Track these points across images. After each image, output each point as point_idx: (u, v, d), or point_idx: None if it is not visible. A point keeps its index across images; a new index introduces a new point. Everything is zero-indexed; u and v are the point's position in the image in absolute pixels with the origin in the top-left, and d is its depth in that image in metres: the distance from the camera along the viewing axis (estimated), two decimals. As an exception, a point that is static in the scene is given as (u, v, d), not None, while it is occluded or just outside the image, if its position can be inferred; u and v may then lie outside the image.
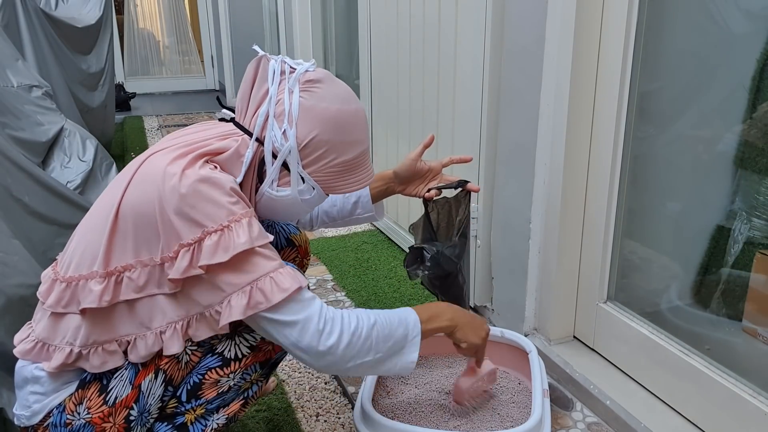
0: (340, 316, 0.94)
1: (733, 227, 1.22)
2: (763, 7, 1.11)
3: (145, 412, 0.96)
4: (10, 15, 2.94)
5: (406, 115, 2.15)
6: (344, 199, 1.34)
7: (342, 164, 1.00)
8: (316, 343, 0.90)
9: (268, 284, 0.88)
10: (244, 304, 0.88)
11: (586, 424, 1.33)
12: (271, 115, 0.96)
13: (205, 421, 1.01)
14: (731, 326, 1.24)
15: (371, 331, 0.95)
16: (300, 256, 1.28)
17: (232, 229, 0.88)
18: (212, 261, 0.87)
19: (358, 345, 0.94)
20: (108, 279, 0.91)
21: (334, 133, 0.97)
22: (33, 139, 2.27)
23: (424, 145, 1.28)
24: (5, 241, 1.37)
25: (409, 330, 1.00)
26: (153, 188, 0.89)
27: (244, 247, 0.87)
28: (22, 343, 0.98)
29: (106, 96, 3.78)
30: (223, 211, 0.88)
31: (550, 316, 1.52)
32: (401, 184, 1.31)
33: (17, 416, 0.98)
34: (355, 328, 0.94)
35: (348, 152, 1.00)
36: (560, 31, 1.33)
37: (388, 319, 0.98)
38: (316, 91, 0.98)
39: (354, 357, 0.94)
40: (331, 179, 1.01)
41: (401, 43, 2.12)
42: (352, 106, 1.00)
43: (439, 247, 1.23)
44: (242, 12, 5.24)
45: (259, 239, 0.90)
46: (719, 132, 1.23)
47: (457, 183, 1.27)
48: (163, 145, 0.98)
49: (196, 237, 0.87)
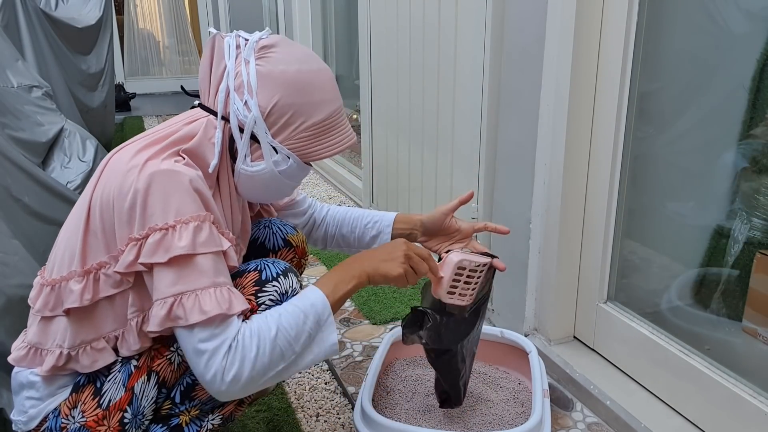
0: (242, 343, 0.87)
1: (733, 227, 1.22)
2: (763, 7, 1.11)
3: (139, 415, 0.96)
4: (10, 15, 2.94)
5: (406, 116, 2.15)
6: (364, 228, 1.29)
7: (312, 127, 0.96)
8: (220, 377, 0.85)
9: (191, 301, 0.85)
10: (163, 315, 0.85)
11: (586, 424, 1.33)
12: (231, 89, 0.94)
13: (200, 422, 1.01)
14: (731, 326, 1.24)
15: (275, 341, 0.89)
16: (297, 257, 1.27)
17: (176, 230, 0.85)
18: (150, 260, 0.85)
19: (265, 362, 0.88)
20: (86, 277, 0.90)
21: (297, 95, 0.94)
22: (33, 140, 2.27)
23: (461, 201, 1.20)
24: (5, 241, 1.37)
25: (318, 316, 0.93)
26: (116, 182, 0.88)
27: (182, 251, 0.84)
28: (17, 350, 0.98)
29: (106, 96, 3.78)
30: (173, 210, 0.86)
31: (550, 316, 1.52)
32: (425, 234, 1.24)
33: (14, 422, 0.98)
34: (257, 351, 0.87)
35: (316, 113, 0.96)
36: (560, 32, 1.33)
37: (293, 316, 0.92)
38: (272, 56, 0.95)
39: (265, 373, 0.89)
40: (305, 145, 0.97)
41: (401, 43, 2.12)
42: (313, 65, 0.97)
43: (443, 318, 1.10)
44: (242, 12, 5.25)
45: (204, 246, 0.87)
46: (719, 132, 1.23)
47: (485, 257, 1.12)
48: (133, 139, 0.97)
49: (143, 233, 0.86)
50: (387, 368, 1.44)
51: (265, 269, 1.00)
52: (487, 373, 1.43)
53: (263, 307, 0.97)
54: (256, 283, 0.98)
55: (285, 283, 0.99)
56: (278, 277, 0.99)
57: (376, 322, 1.77)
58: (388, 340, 1.39)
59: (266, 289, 0.98)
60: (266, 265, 1.01)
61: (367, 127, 2.56)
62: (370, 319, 1.78)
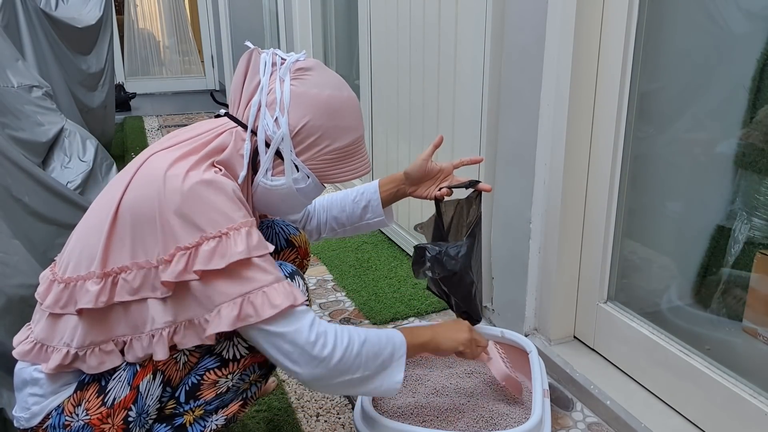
0: (333, 330, 0.93)
1: (733, 227, 1.22)
2: (763, 7, 1.11)
3: (144, 413, 0.96)
4: (10, 15, 2.94)
5: (406, 115, 2.15)
6: (353, 203, 1.32)
7: (336, 151, 1.00)
8: (308, 355, 0.90)
9: (260, 298, 0.88)
10: (234, 316, 0.87)
11: (586, 424, 1.33)
12: (263, 104, 0.97)
13: (204, 422, 1.01)
14: (731, 326, 1.24)
15: (362, 348, 0.94)
16: (300, 257, 1.28)
17: (230, 236, 0.87)
18: (208, 267, 0.86)
19: (350, 360, 0.93)
20: (105, 280, 0.90)
21: (326, 118, 0.97)
22: (33, 140, 2.27)
23: (434, 145, 1.27)
24: (5, 241, 1.37)
25: (395, 349, 0.99)
26: (154, 189, 0.89)
27: (240, 256, 0.86)
28: (21, 344, 0.98)
29: (106, 96, 3.78)
30: (224, 218, 0.88)
31: (551, 316, 1.52)
32: (412, 185, 1.30)
33: (17, 418, 0.98)
34: (348, 343, 0.93)
35: (341, 138, 0.99)
36: (560, 32, 1.33)
37: (377, 337, 0.98)
38: (307, 79, 0.98)
39: (344, 372, 0.93)
40: (325, 166, 1.00)
41: (401, 43, 2.12)
42: (344, 93, 1.00)
43: (442, 247, 1.21)
44: (242, 12, 5.25)
45: (257, 249, 0.89)
46: (719, 132, 1.23)
47: (469, 182, 1.26)
48: (164, 144, 0.97)
49: (194, 241, 0.87)
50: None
51: None
52: (487, 372, 1.43)
53: None
54: None
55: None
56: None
57: (376, 321, 1.77)
58: (389, 340, 1.39)
59: None
60: None
61: (367, 126, 2.56)
62: (370, 319, 1.78)
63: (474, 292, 1.27)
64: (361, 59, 2.54)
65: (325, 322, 0.94)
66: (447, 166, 1.29)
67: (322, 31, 3.65)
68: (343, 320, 1.79)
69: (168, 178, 0.89)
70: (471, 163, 1.30)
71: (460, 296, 1.27)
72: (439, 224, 1.29)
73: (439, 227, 1.29)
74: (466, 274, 1.23)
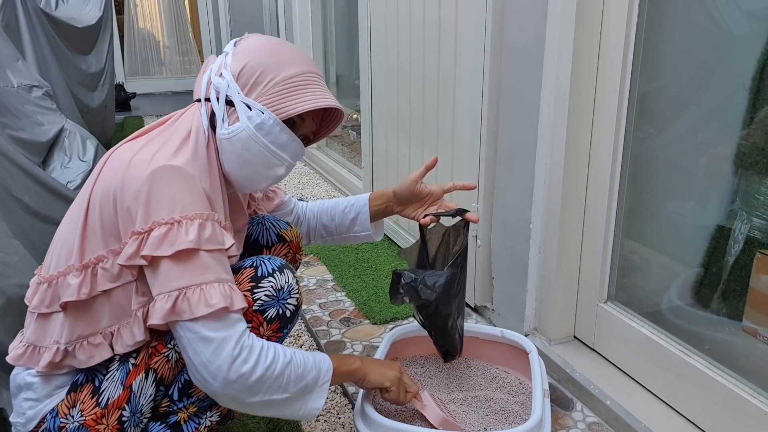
0: (260, 346, 0.91)
1: (733, 227, 1.22)
2: (763, 7, 1.11)
3: (138, 413, 0.96)
4: (10, 15, 2.94)
5: (406, 115, 2.15)
6: (343, 213, 1.32)
7: (283, 82, 0.97)
8: (227, 368, 0.87)
9: (197, 295, 0.86)
10: (168, 309, 0.86)
11: (586, 424, 1.33)
12: (212, 74, 0.99)
13: (199, 419, 1.01)
14: (731, 326, 1.24)
15: (285, 368, 0.92)
16: (292, 251, 1.27)
17: (182, 225, 0.87)
18: (155, 253, 0.85)
19: (270, 380, 0.90)
20: (84, 272, 0.91)
21: (265, 56, 0.98)
22: (33, 139, 2.27)
23: (426, 167, 1.25)
24: (5, 241, 1.38)
25: (321, 374, 0.98)
26: (119, 176, 0.89)
27: (187, 245, 0.86)
28: (14, 349, 0.98)
29: (106, 96, 3.78)
30: (179, 206, 0.88)
31: (551, 316, 1.52)
32: (399, 204, 1.29)
33: (13, 424, 0.99)
34: (271, 362, 0.90)
35: (285, 70, 0.98)
36: (560, 31, 1.33)
37: (304, 359, 0.96)
38: (246, 40, 1.02)
39: (262, 392, 0.91)
40: (277, 100, 0.97)
41: (401, 42, 2.12)
42: (283, 41, 1.03)
43: (419, 275, 1.17)
44: (242, 12, 5.25)
45: (208, 243, 0.88)
46: (719, 132, 1.23)
47: (456, 211, 1.22)
48: (133, 136, 1.00)
49: (147, 226, 0.87)
50: (387, 368, 1.44)
51: (261, 266, 1.01)
52: (487, 372, 1.43)
53: (259, 302, 0.98)
54: (251, 279, 0.99)
55: (281, 278, 1.00)
56: (274, 273, 1.00)
57: (376, 322, 1.77)
58: (388, 340, 1.39)
59: (262, 285, 0.99)
60: (262, 261, 1.01)
61: (367, 127, 2.56)
62: (370, 319, 1.79)
63: (451, 325, 1.23)
64: (361, 59, 2.54)
65: (254, 336, 0.92)
66: (437, 189, 1.27)
67: (322, 31, 3.65)
68: (343, 320, 1.79)
69: (132, 164, 0.89)
70: (463, 189, 1.26)
71: (436, 327, 1.23)
72: (423, 251, 1.25)
73: (423, 254, 1.26)
74: (442, 306, 1.19)
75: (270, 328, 1.00)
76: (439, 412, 1.19)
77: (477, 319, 1.78)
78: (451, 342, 1.26)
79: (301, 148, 1.03)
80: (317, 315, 1.82)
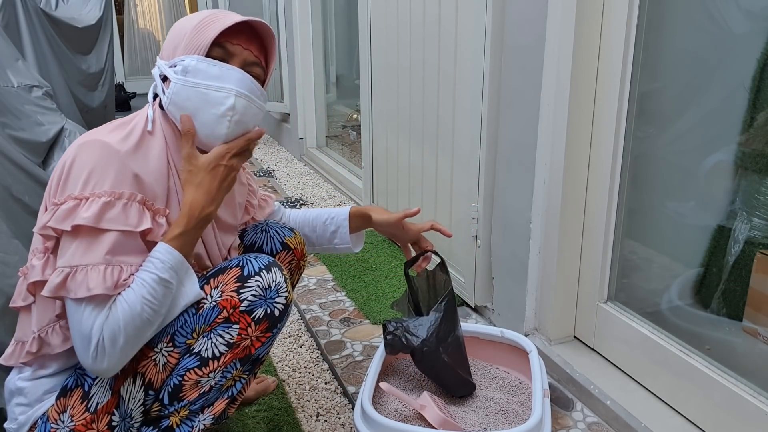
0: (110, 326, 0.87)
1: (733, 227, 1.22)
2: (763, 7, 1.11)
3: (128, 417, 0.96)
4: (10, 15, 2.94)
5: (406, 115, 2.15)
6: (324, 225, 1.35)
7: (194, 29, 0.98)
8: (91, 364, 0.87)
9: (81, 276, 0.86)
10: (57, 284, 0.86)
11: (586, 424, 1.33)
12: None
13: (191, 422, 1.01)
14: (731, 326, 1.24)
15: (141, 319, 0.89)
16: (296, 258, 1.28)
17: (89, 201, 0.87)
18: (58, 225, 0.87)
19: (131, 343, 0.89)
20: (46, 254, 0.92)
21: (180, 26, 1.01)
22: (33, 139, 2.27)
23: (406, 214, 1.30)
24: (5, 241, 1.38)
25: (177, 268, 0.93)
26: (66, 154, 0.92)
27: (83, 222, 0.86)
28: (7, 349, 0.99)
29: (106, 96, 3.78)
30: (93, 182, 0.88)
31: (551, 315, 1.52)
32: (378, 230, 1.35)
33: (7, 430, 0.99)
34: (123, 324, 0.87)
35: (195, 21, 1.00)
36: (560, 31, 1.33)
37: (154, 283, 0.91)
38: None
39: (135, 340, 0.89)
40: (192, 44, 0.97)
41: (401, 42, 2.12)
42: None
43: (403, 323, 1.22)
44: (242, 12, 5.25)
45: (111, 222, 0.87)
46: (719, 132, 1.23)
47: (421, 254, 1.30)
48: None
49: (61, 199, 0.88)
50: (387, 368, 1.44)
51: (247, 265, 1.00)
52: (487, 372, 1.43)
53: (246, 302, 0.97)
54: (238, 279, 0.98)
55: (268, 277, 0.99)
56: (261, 272, 0.99)
57: (376, 321, 1.77)
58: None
59: (248, 285, 0.98)
60: (248, 260, 1.01)
61: (367, 126, 2.56)
62: (370, 319, 1.79)
63: (447, 368, 1.25)
64: (361, 59, 2.54)
65: (118, 307, 0.88)
66: (414, 231, 1.32)
67: (322, 31, 3.65)
68: (343, 320, 1.79)
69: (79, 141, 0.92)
70: (441, 232, 1.31)
71: (431, 374, 1.27)
72: (413, 299, 1.30)
73: (414, 302, 1.30)
74: (430, 351, 1.21)
75: (259, 328, 0.98)
76: (438, 412, 1.19)
77: (477, 319, 1.78)
78: (450, 384, 1.30)
79: (243, 75, 0.98)
80: (317, 315, 1.82)
